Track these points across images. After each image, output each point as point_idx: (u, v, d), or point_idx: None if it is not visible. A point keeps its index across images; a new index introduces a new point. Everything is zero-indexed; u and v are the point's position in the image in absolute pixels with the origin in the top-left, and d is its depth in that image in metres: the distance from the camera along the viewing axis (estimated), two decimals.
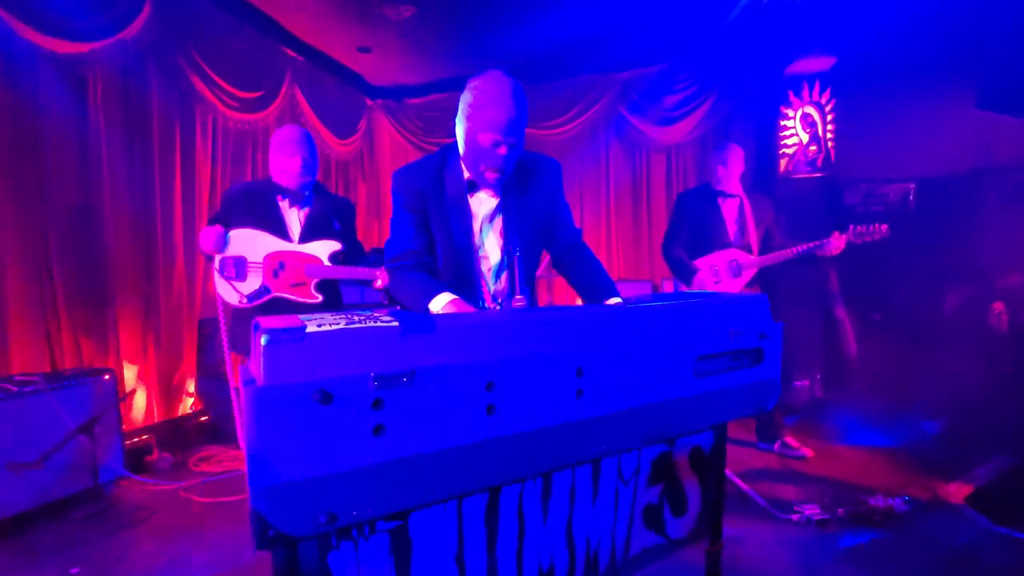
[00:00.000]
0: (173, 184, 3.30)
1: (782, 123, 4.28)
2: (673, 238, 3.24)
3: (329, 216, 2.38)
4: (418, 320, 0.61)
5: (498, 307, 1.57)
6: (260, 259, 2.28)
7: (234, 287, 2.25)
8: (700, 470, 1.07)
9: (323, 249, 2.33)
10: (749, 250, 3.13)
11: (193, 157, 3.42)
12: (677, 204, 3.33)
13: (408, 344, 0.60)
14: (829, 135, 4.15)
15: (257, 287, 2.26)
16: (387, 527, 0.74)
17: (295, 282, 2.28)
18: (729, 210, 3.18)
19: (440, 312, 1.28)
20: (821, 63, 4.12)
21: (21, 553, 2.08)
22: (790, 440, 3.14)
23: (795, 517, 2.24)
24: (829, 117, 4.17)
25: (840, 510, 2.28)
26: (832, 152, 4.16)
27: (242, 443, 2.51)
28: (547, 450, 0.72)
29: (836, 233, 2.94)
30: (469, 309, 1.31)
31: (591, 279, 1.58)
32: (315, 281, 2.31)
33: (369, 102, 5.25)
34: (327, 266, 2.31)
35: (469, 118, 1.41)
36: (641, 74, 4.61)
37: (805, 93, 4.21)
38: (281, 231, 2.30)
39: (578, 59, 4.52)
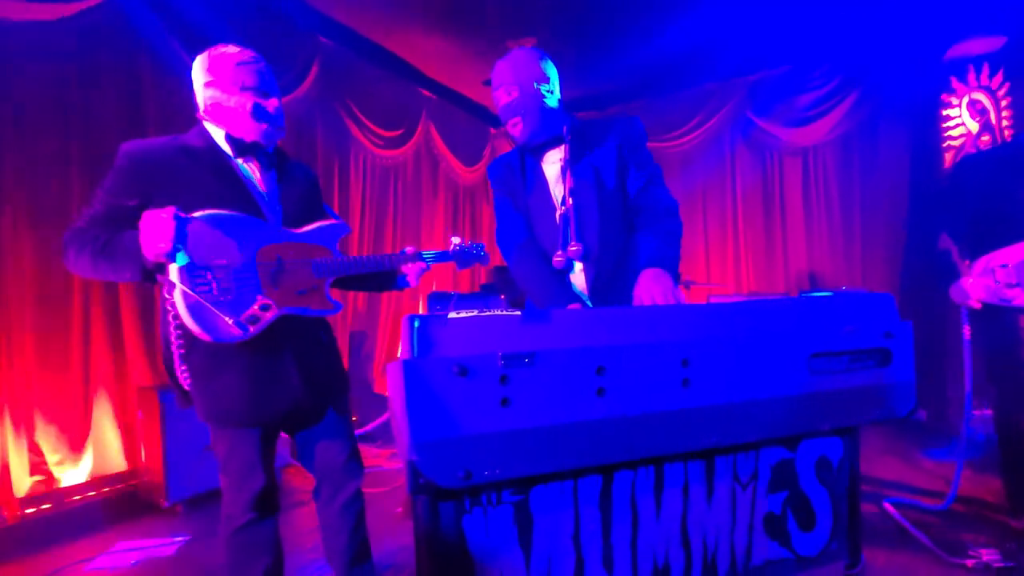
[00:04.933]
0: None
1: (944, 113, 3.77)
2: (945, 225, 2.32)
3: (312, 187, 1.62)
4: (537, 311, 0.71)
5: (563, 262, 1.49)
6: (251, 258, 1.37)
7: (218, 312, 1.29)
8: (828, 483, 1.01)
9: (330, 234, 1.55)
10: None
11: (348, 191, 3.97)
12: (953, 175, 2.34)
13: (529, 330, 0.70)
14: (1005, 122, 3.57)
15: (255, 305, 1.35)
16: (511, 500, 0.83)
17: (303, 287, 1.46)
18: None
19: None
20: (988, 43, 3.58)
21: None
22: None
23: (969, 563, 1.93)
24: (1004, 103, 3.59)
25: None
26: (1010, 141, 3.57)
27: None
28: (655, 435, 0.77)
29: None
30: None
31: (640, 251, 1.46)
32: (328, 282, 1.52)
33: (493, 131, 5.61)
34: (341, 259, 1.52)
35: None
36: (770, 75, 4.36)
37: (971, 77, 3.67)
38: (256, 211, 1.42)
39: (700, 67, 4.42)
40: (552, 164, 1.61)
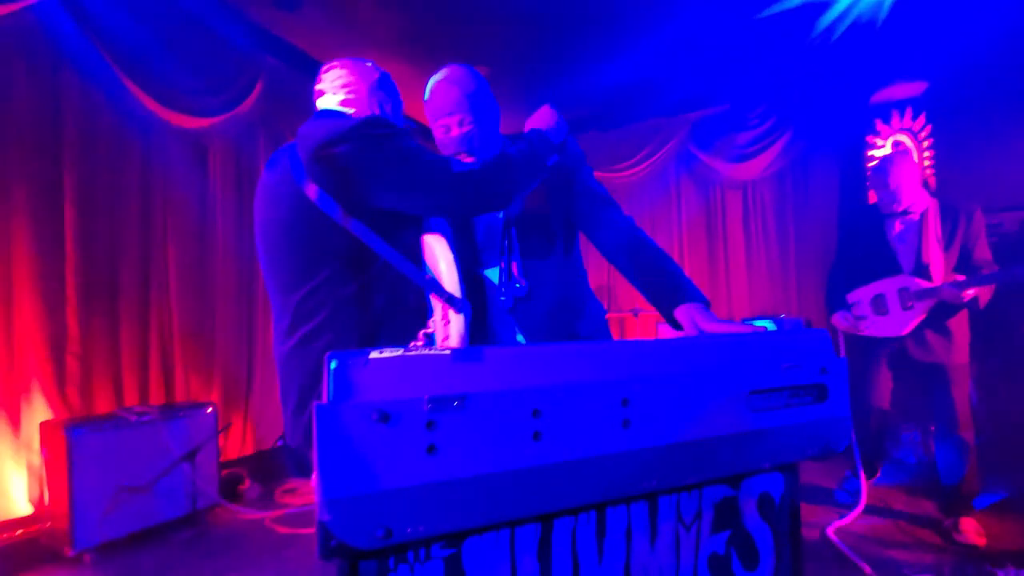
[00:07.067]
0: None
1: (870, 153, 4.06)
2: (836, 269, 2.81)
3: None
4: (468, 350, 0.66)
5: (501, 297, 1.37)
6: None
7: None
8: (770, 519, 1.00)
9: None
10: (929, 276, 2.45)
11: None
12: (838, 229, 2.92)
13: (459, 371, 0.65)
14: (927, 163, 3.88)
15: None
16: (442, 554, 0.76)
17: None
18: (902, 230, 2.58)
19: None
20: (911, 88, 3.90)
21: (127, 572, 2.30)
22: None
23: None
24: (925, 144, 3.90)
25: None
26: (932, 181, 3.87)
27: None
28: (595, 480, 0.73)
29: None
30: None
31: (653, 275, 1.21)
32: None
33: None
34: None
35: (428, 118, 1.40)
36: (712, 113, 4.58)
37: (895, 120, 3.98)
38: None
39: (647, 103, 4.58)
40: None
